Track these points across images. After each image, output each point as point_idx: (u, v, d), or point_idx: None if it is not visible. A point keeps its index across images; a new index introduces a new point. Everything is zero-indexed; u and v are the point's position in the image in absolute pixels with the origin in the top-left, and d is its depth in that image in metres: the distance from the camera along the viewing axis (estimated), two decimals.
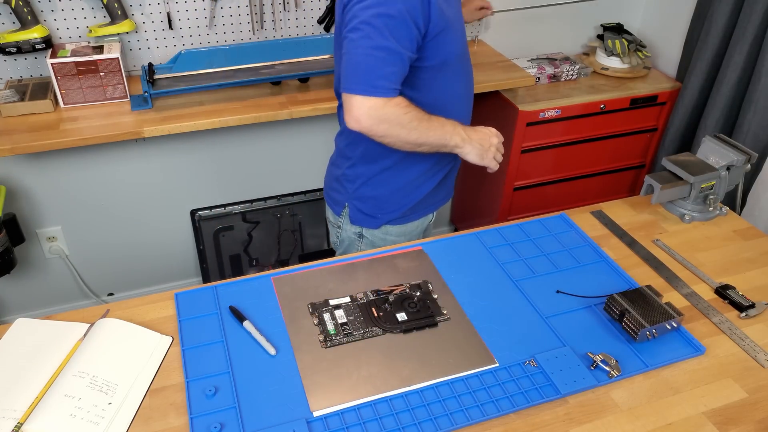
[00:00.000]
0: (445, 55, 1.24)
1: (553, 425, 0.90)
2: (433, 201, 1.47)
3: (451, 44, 1.25)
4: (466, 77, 1.35)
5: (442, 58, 1.24)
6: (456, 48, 1.27)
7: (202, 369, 0.96)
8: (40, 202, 2.04)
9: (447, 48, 1.24)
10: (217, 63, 1.87)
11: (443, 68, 1.27)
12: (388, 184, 1.39)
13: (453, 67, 1.29)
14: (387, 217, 1.42)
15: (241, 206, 2.25)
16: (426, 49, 1.20)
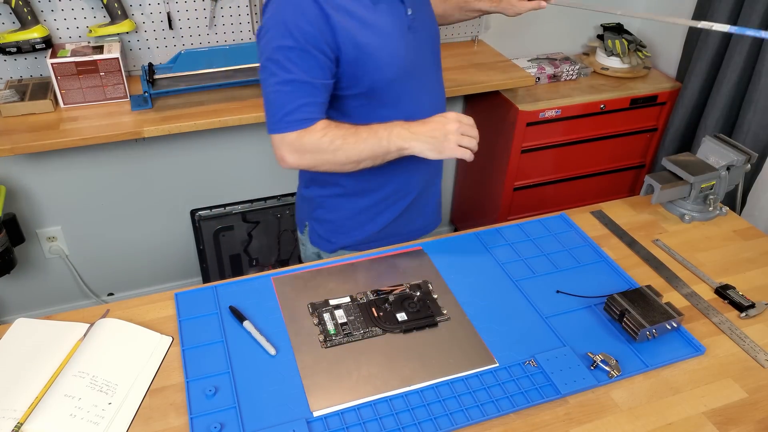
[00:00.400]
0: (370, 83, 1.14)
1: (553, 425, 0.90)
2: (403, 231, 1.35)
3: (375, 72, 1.13)
4: (412, 101, 1.21)
5: (367, 86, 1.15)
6: (384, 75, 1.14)
7: (202, 369, 0.96)
8: (40, 202, 2.04)
9: (370, 76, 1.13)
10: (217, 63, 1.87)
11: (372, 96, 1.17)
12: (343, 209, 1.32)
13: (386, 94, 1.17)
14: (342, 243, 1.35)
15: (241, 206, 2.25)
16: (344, 77, 1.13)
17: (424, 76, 1.24)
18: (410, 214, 1.36)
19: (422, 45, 1.22)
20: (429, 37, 1.24)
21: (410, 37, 1.17)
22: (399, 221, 1.35)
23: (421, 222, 1.39)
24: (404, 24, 1.16)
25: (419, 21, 1.19)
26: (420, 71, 1.22)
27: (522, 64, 2.20)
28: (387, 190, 1.30)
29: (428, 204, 1.40)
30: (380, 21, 1.13)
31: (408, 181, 1.31)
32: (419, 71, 1.21)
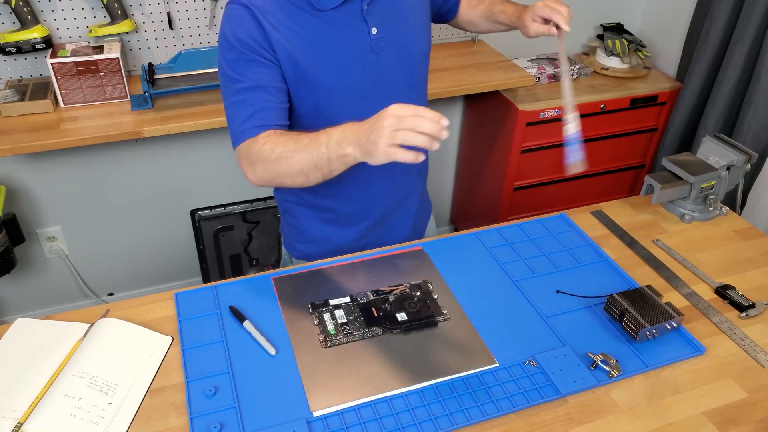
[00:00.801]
0: (313, 104, 1.09)
1: (553, 425, 0.90)
2: (372, 246, 1.26)
3: (316, 93, 1.08)
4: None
5: (310, 106, 1.10)
6: (328, 97, 1.09)
7: (202, 369, 0.96)
8: (40, 202, 2.04)
9: (312, 97, 1.08)
10: (217, 63, 1.87)
11: (319, 116, 1.10)
12: (305, 217, 1.29)
13: (334, 116, 1.06)
14: (306, 251, 1.32)
15: (241, 206, 2.25)
16: (290, 92, 1.08)
17: (390, 99, 0.96)
18: (375, 234, 1.29)
19: (390, 67, 1.13)
20: (403, 57, 1.14)
21: (372, 58, 1.10)
22: (363, 240, 1.29)
23: (391, 241, 1.28)
24: (364, 44, 1.09)
25: (389, 41, 1.11)
26: (383, 95, 1.12)
27: (522, 64, 2.20)
28: (343, 210, 1.25)
29: (397, 225, 1.31)
30: (330, 40, 1.06)
31: (367, 203, 1.25)
32: (382, 95, 1.12)
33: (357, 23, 1.08)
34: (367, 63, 1.10)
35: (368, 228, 1.29)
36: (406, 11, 1.14)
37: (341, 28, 1.07)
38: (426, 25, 1.20)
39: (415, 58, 1.18)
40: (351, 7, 1.06)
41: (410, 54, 1.16)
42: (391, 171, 1.19)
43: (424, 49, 1.20)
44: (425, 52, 1.21)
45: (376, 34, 1.09)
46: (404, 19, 1.13)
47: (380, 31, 1.10)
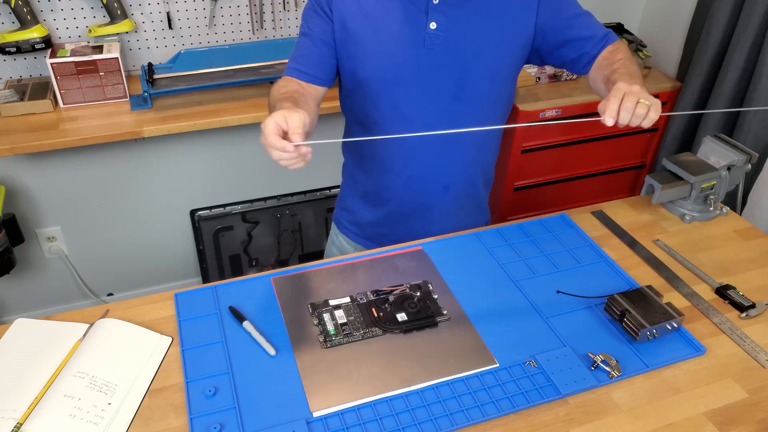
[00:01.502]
0: (351, 69, 1.15)
1: (554, 425, 0.89)
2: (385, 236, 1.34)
3: (355, 61, 1.14)
4: (401, 119, 1.17)
5: (349, 71, 1.16)
6: (363, 68, 1.14)
7: (202, 369, 0.96)
8: (39, 202, 2.04)
9: (351, 62, 1.14)
10: (217, 63, 1.87)
11: (355, 82, 1.16)
12: (345, 183, 1.37)
13: (367, 88, 1.15)
14: (337, 218, 1.42)
15: (241, 206, 2.25)
16: (337, 50, 1.16)
17: (428, 98, 1.16)
18: (391, 228, 1.33)
19: (437, 68, 1.13)
20: (455, 65, 1.13)
21: (420, 51, 1.11)
22: (380, 229, 1.34)
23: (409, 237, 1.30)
24: (418, 35, 1.10)
25: (446, 43, 1.11)
26: (421, 90, 1.15)
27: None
28: (367, 186, 1.31)
29: (417, 230, 1.30)
30: (386, 17, 1.10)
31: (384, 187, 1.28)
32: (419, 89, 1.15)
33: (418, 12, 1.10)
34: (413, 54, 1.12)
35: (385, 217, 1.32)
36: (487, 26, 1.10)
37: (402, 11, 1.10)
38: (508, 49, 1.14)
39: (472, 71, 1.14)
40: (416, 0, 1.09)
41: (466, 65, 1.13)
42: (412, 170, 1.25)
43: (490, 68, 1.15)
44: (491, 73, 1.15)
45: (435, 29, 1.10)
46: (477, 31, 1.11)
47: (439, 29, 1.10)
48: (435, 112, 1.18)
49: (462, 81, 1.15)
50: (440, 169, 1.26)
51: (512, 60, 1.17)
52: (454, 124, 1.17)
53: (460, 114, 1.18)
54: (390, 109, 1.18)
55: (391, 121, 1.19)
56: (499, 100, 1.22)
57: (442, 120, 1.19)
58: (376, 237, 1.37)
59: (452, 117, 1.19)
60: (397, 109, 1.18)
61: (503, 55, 1.15)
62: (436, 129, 1.12)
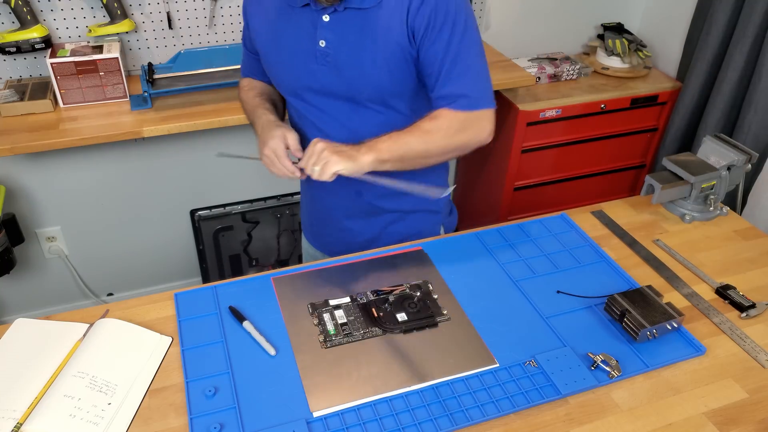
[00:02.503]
0: (275, 79, 1.22)
1: (554, 425, 0.89)
2: (307, 231, 1.45)
3: (269, 71, 1.22)
4: (302, 120, 1.21)
5: (276, 82, 1.23)
6: (272, 74, 1.22)
7: (202, 369, 0.96)
8: (39, 202, 2.04)
9: (270, 71, 1.22)
10: (217, 63, 1.87)
11: (288, 99, 1.24)
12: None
13: (294, 103, 1.21)
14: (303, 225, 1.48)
15: (241, 206, 2.24)
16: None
17: (331, 112, 1.17)
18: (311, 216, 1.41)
19: (330, 84, 1.13)
20: (345, 83, 1.12)
21: (313, 67, 1.12)
22: (306, 215, 1.42)
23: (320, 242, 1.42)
24: (310, 50, 1.11)
25: (336, 60, 1.10)
26: (320, 101, 1.17)
27: (522, 64, 2.20)
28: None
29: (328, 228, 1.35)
30: (285, 31, 1.14)
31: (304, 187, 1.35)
32: (319, 100, 1.17)
33: (311, 28, 1.10)
34: (308, 68, 1.14)
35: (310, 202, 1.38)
36: (365, 43, 1.08)
37: (298, 27, 1.12)
38: (387, 66, 1.10)
39: (360, 88, 1.13)
40: (311, 13, 1.10)
41: (353, 82, 1.12)
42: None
43: (375, 85, 1.12)
44: (378, 89, 1.13)
45: (324, 47, 1.10)
46: (359, 49, 1.09)
47: (328, 47, 1.10)
48: (336, 121, 1.18)
49: (354, 96, 1.14)
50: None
51: (400, 77, 1.12)
52: (354, 134, 1.16)
53: (360, 126, 1.17)
54: (295, 113, 1.24)
55: (300, 123, 1.24)
56: (401, 113, 1.17)
57: (344, 129, 1.18)
58: (317, 239, 1.42)
59: (353, 128, 1.18)
60: (301, 116, 1.22)
61: (388, 72, 1.10)
62: (340, 133, 1.17)
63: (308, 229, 1.45)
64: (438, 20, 1.06)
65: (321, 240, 1.41)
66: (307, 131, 1.23)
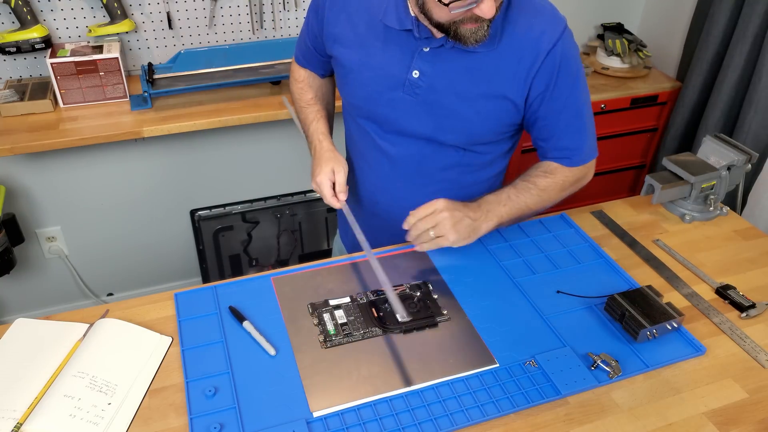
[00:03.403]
0: (348, 97, 1.16)
1: (554, 425, 0.89)
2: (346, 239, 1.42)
3: (344, 87, 1.15)
4: (369, 148, 1.18)
5: (348, 99, 1.17)
6: (342, 85, 1.15)
7: (202, 369, 0.96)
8: (39, 202, 2.04)
9: (346, 86, 1.14)
10: (217, 63, 1.87)
11: (348, 109, 1.21)
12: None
13: (353, 115, 1.18)
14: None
15: (241, 206, 2.24)
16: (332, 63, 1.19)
17: (403, 143, 1.14)
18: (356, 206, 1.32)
19: (410, 117, 1.09)
20: (431, 117, 1.08)
21: (398, 95, 1.07)
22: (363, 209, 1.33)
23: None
24: (399, 78, 1.06)
25: (425, 95, 1.06)
26: (390, 130, 1.14)
27: None
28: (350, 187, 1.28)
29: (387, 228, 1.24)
30: (374, 49, 1.07)
31: (358, 195, 1.28)
32: (396, 133, 1.13)
33: (404, 57, 1.05)
34: (390, 96, 1.08)
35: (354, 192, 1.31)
36: (469, 87, 1.04)
37: (391, 51, 1.05)
38: (487, 115, 1.08)
39: (446, 128, 1.09)
40: (410, 40, 1.04)
41: (439, 121, 1.09)
42: (380, 197, 1.26)
43: (463, 130, 1.09)
44: (465, 134, 1.10)
45: (417, 78, 1.05)
46: (459, 90, 1.05)
47: (422, 79, 1.05)
48: (407, 152, 1.16)
49: (434, 134, 1.11)
50: (406, 205, 1.17)
51: (493, 126, 1.10)
52: (425, 167, 1.16)
53: (431, 160, 1.16)
54: (365, 135, 1.19)
55: (366, 145, 1.20)
56: (476, 157, 1.17)
57: (414, 160, 1.16)
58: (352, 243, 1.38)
59: (424, 160, 1.16)
60: (371, 139, 1.18)
61: (482, 120, 1.08)
62: (408, 166, 1.18)
63: (348, 238, 1.40)
64: (561, 76, 1.04)
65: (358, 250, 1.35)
66: (366, 153, 1.19)
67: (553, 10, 1.07)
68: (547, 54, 1.02)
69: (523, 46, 1.02)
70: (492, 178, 1.26)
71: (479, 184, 1.23)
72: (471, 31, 0.94)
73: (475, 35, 0.95)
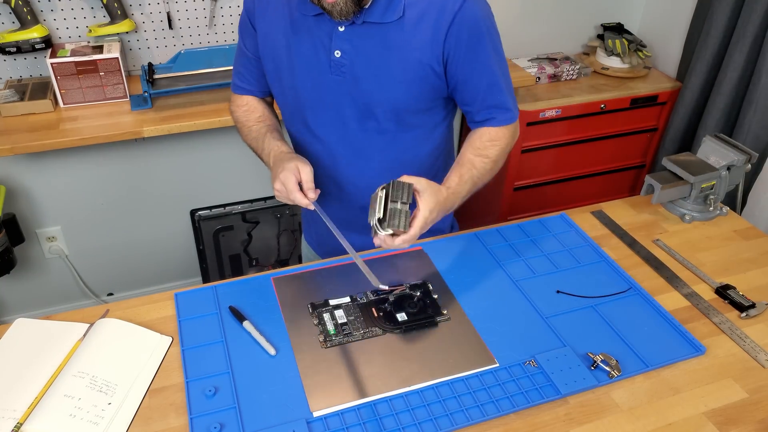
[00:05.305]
0: (283, 94, 1.17)
1: (554, 425, 0.89)
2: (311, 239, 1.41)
3: (275, 83, 1.16)
4: (310, 133, 1.17)
5: (270, 83, 1.18)
6: (275, 85, 1.17)
7: (202, 369, 0.96)
8: (39, 202, 2.04)
9: (271, 81, 1.18)
10: (217, 63, 1.87)
11: (286, 116, 1.21)
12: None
13: (279, 101, 1.19)
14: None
15: (241, 206, 2.24)
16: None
17: (340, 126, 1.14)
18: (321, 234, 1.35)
19: (343, 96, 1.11)
20: (361, 93, 1.10)
21: (327, 78, 1.09)
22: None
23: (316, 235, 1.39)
24: (325, 62, 1.08)
25: (353, 71, 1.08)
26: (331, 113, 1.14)
27: (522, 64, 2.20)
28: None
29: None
30: (298, 40, 1.09)
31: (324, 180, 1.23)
32: (329, 113, 1.14)
33: (325, 39, 1.08)
34: (320, 80, 1.10)
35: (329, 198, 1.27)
36: (388, 58, 1.06)
37: (312, 37, 1.08)
38: (410, 83, 1.09)
39: (377, 102, 1.10)
40: (326, 23, 1.06)
41: (370, 95, 1.10)
42: (331, 187, 1.23)
43: (392, 100, 1.10)
44: (394, 105, 1.11)
45: (339, 57, 1.07)
46: (379, 62, 1.07)
47: (344, 57, 1.07)
48: (345, 136, 1.16)
49: (368, 110, 1.12)
50: (355, 190, 1.22)
51: (417, 93, 1.10)
52: (363, 149, 1.17)
53: (368, 140, 1.16)
54: (303, 127, 1.19)
55: (306, 139, 1.20)
56: (411, 130, 1.16)
57: (353, 144, 1.17)
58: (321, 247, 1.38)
59: (361, 143, 1.16)
60: (309, 129, 1.18)
61: (406, 88, 1.09)
62: (347, 151, 1.18)
63: (313, 237, 1.42)
64: (472, 37, 1.05)
65: (325, 248, 1.37)
66: (310, 153, 1.19)
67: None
68: (454, 16, 1.03)
69: (429, 12, 1.03)
70: (434, 152, 1.23)
71: (421, 158, 1.22)
72: (331, 5, 0.97)
73: (337, 8, 0.97)
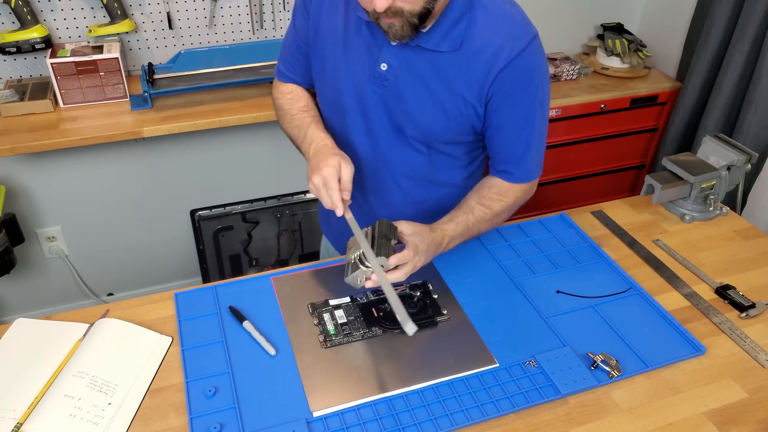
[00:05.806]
0: (326, 90, 1.15)
1: (554, 425, 0.89)
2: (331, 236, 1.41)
3: (319, 79, 1.15)
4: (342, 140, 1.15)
5: (313, 73, 1.16)
6: (318, 79, 1.15)
7: (202, 369, 0.96)
8: (39, 202, 2.04)
9: (315, 77, 1.16)
10: (217, 63, 1.87)
11: (324, 108, 1.19)
12: None
13: (320, 97, 1.18)
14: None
15: (241, 206, 2.24)
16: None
17: (372, 138, 1.13)
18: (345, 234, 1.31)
19: (379, 110, 1.09)
20: (398, 111, 1.08)
21: (369, 88, 1.07)
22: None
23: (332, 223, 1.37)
24: (369, 71, 1.07)
25: (396, 87, 1.06)
26: (364, 123, 1.13)
27: None
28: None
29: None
30: (349, 41, 1.07)
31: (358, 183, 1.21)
32: (362, 121, 1.12)
33: (374, 48, 1.05)
34: (361, 88, 1.09)
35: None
36: (434, 83, 1.04)
37: (363, 41, 1.06)
38: (449, 113, 1.07)
39: (411, 123, 1.09)
40: (378, 31, 1.02)
41: (406, 115, 1.09)
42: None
43: (427, 125, 1.09)
44: (428, 130, 1.09)
45: (384, 71, 1.05)
46: (425, 85, 1.05)
47: (389, 72, 1.05)
48: (376, 147, 1.15)
49: (399, 129, 1.11)
50: (378, 202, 1.22)
51: (454, 127, 1.09)
52: (392, 163, 1.16)
53: (401, 155, 1.15)
54: (337, 129, 1.18)
55: (338, 141, 1.17)
56: (443, 156, 1.15)
57: (383, 156, 1.16)
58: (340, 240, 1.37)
59: (393, 156, 1.15)
60: (343, 132, 1.17)
61: (444, 120, 1.07)
62: (376, 162, 1.17)
63: (331, 232, 1.41)
64: (518, 90, 1.03)
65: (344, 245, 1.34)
66: (343, 147, 1.15)
67: (524, 20, 1.06)
68: (509, 61, 1.00)
69: (485, 51, 1.01)
70: (470, 178, 1.23)
71: (456, 182, 1.21)
72: (387, 26, 0.94)
73: (392, 30, 0.94)
